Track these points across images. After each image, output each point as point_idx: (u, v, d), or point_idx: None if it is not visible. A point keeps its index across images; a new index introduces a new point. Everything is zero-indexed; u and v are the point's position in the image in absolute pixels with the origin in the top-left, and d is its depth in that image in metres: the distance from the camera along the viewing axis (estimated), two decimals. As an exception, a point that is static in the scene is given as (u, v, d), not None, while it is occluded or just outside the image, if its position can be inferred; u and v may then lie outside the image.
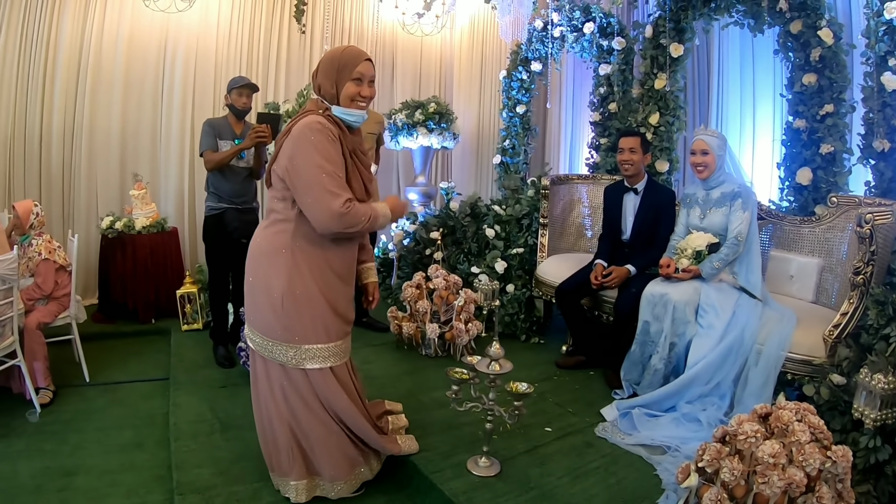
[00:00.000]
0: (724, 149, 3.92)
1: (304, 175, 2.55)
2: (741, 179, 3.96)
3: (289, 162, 2.58)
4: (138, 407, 4.07)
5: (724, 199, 3.84)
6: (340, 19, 7.41)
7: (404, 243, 6.12)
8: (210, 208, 4.60)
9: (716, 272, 3.74)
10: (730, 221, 3.79)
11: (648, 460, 3.14)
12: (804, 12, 4.31)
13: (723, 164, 3.91)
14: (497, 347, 2.91)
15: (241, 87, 4.54)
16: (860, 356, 3.05)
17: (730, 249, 3.73)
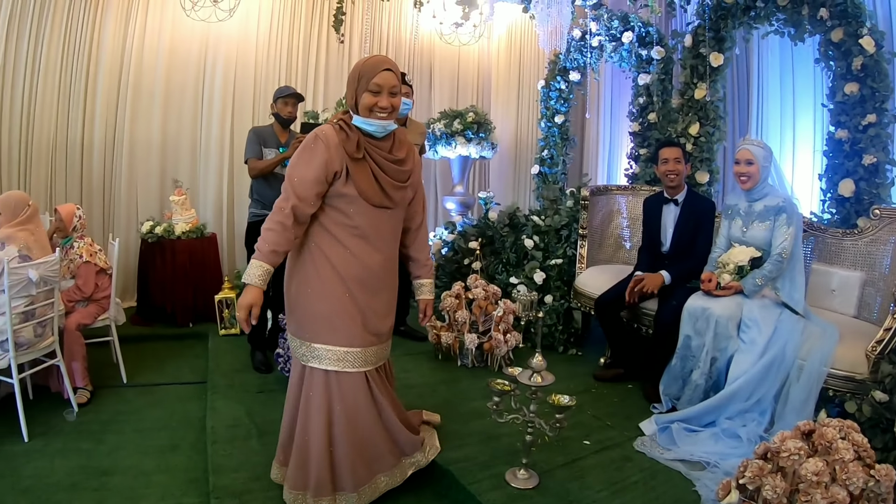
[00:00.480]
0: (770, 160, 3.84)
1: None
2: (786, 193, 3.87)
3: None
4: (175, 409, 4.12)
5: (768, 213, 3.78)
6: (378, 29, 7.47)
7: (442, 252, 6.13)
8: (253, 215, 4.68)
9: (758, 289, 3.69)
10: (774, 237, 3.73)
11: (688, 476, 3.10)
12: (845, 20, 4.26)
13: (767, 176, 3.84)
14: (539, 359, 2.90)
15: (286, 96, 4.64)
16: (903, 374, 3.00)
17: (773, 266, 3.67)
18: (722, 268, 3.84)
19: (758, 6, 4.85)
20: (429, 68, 7.94)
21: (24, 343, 3.66)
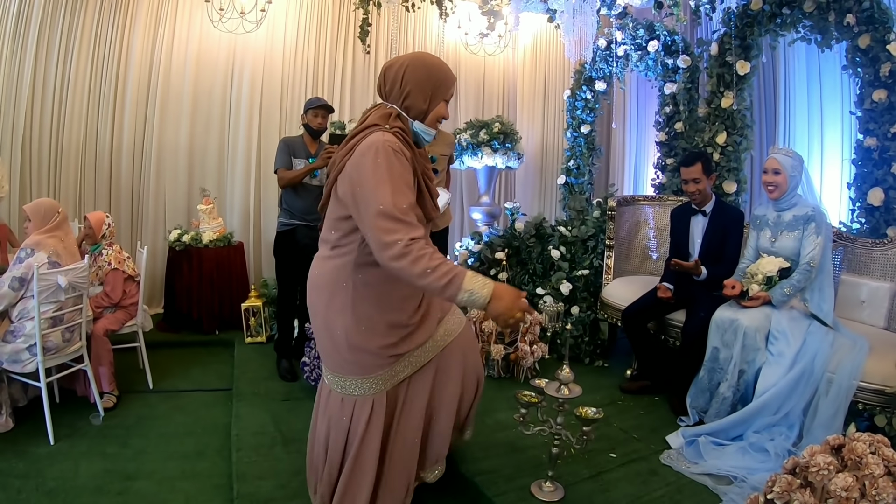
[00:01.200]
0: (799, 170, 3.79)
1: (365, 203, 2.25)
2: (815, 202, 3.82)
3: (352, 182, 2.29)
4: (200, 416, 4.14)
5: (797, 223, 3.74)
6: (404, 40, 7.50)
7: (468, 263, 6.13)
8: (282, 224, 4.73)
9: (787, 298, 3.65)
10: (803, 246, 3.69)
11: (714, 490, 3.08)
12: (872, 26, 4.22)
13: (796, 186, 3.79)
14: (567, 371, 2.89)
15: (316, 107, 4.69)
16: (934, 386, 2.96)
17: (802, 276, 3.63)
18: (750, 278, 3.80)
19: (784, 13, 4.82)
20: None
21: (53, 347, 3.70)
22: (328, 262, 2.52)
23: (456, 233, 7.79)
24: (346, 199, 2.35)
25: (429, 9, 6.02)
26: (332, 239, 2.51)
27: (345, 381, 2.56)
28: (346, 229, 2.44)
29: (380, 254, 2.22)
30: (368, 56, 6.97)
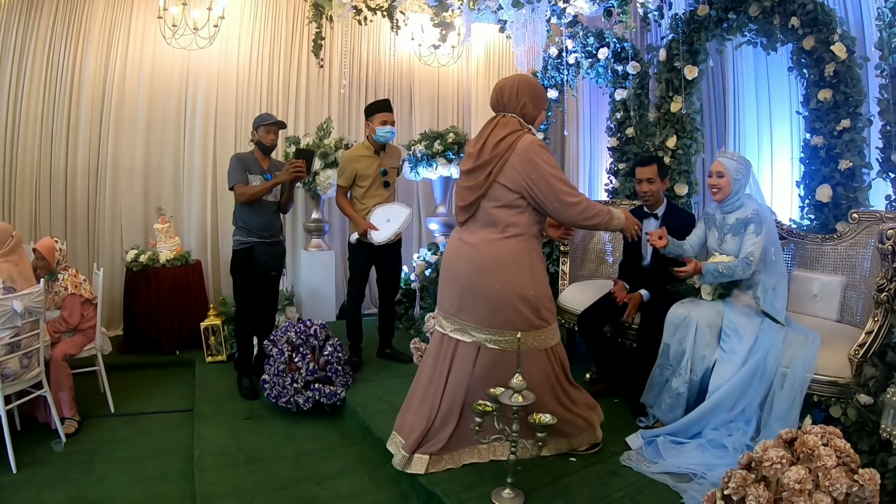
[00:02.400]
0: (744, 173, 3.83)
1: (542, 184, 3.00)
2: (758, 204, 3.83)
3: (527, 178, 3.00)
4: (163, 438, 4.12)
5: (739, 226, 3.77)
6: (358, 53, 7.51)
7: (426, 274, 6.12)
8: (239, 242, 4.67)
9: (718, 276, 3.67)
10: (743, 246, 3.71)
11: (675, 488, 3.09)
12: (816, 28, 4.29)
13: (740, 189, 3.83)
14: (520, 379, 2.89)
15: (269, 124, 4.64)
16: (887, 375, 3.01)
17: (740, 265, 3.63)
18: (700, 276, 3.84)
19: (730, 18, 4.89)
20: (409, 90, 7.96)
21: (11, 374, 3.65)
22: (506, 242, 3.10)
23: (413, 243, 7.78)
24: (518, 185, 3.03)
25: (381, 22, 6.03)
26: (502, 222, 3.10)
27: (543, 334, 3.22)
28: (515, 212, 3.09)
29: (567, 211, 3.05)
30: (322, 70, 6.98)
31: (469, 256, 3.17)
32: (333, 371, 4.40)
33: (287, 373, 4.29)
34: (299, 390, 4.27)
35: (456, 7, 5.14)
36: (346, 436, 4.13)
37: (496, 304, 3.11)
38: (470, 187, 3.15)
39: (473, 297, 3.16)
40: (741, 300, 3.76)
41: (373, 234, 4.84)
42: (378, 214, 4.88)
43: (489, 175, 3.06)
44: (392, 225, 4.89)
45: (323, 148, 6.29)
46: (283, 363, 4.33)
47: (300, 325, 4.48)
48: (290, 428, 4.17)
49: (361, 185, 4.92)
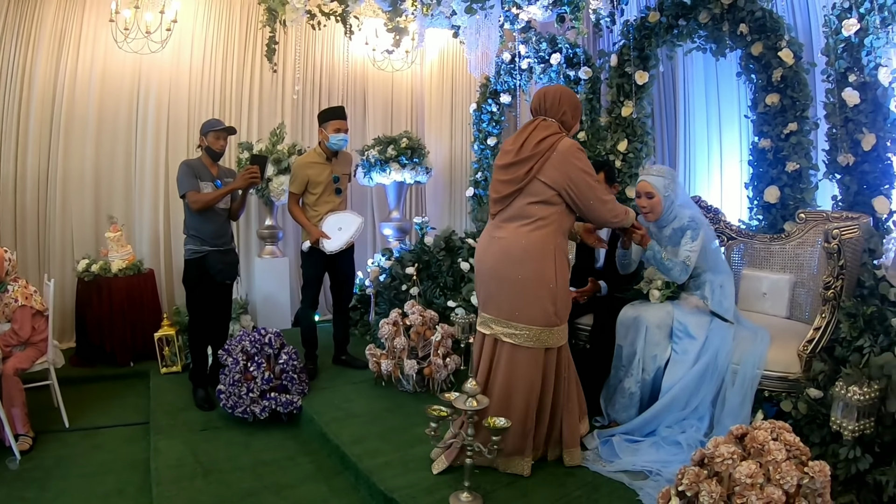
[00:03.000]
0: (672, 188, 3.84)
1: (582, 185, 3.17)
2: (690, 212, 3.85)
3: (568, 178, 3.15)
4: (119, 452, 4.03)
5: (676, 236, 3.82)
6: (312, 57, 7.44)
7: (380, 279, 6.10)
8: (192, 252, 4.58)
9: (657, 261, 3.67)
10: (680, 251, 3.75)
11: (631, 486, 3.13)
12: (764, 34, 4.41)
13: (671, 204, 3.85)
14: (473, 384, 2.91)
15: (219, 130, 4.57)
16: (835, 369, 3.08)
17: (679, 265, 3.67)
18: (648, 283, 3.89)
19: (680, 25, 4.99)
20: (362, 95, 7.91)
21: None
22: (535, 233, 3.20)
23: (368, 249, 7.74)
24: (558, 183, 3.16)
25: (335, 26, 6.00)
26: (533, 216, 3.21)
27: (556, 333, 3.27)
28: (547, 208, 3.21)
29: (601, 208, 3.26)
30: (276, 75, 6.90)
31: (499, 247, 3.29)
32: (289, 379, 4.37)
33: (242, 382, 4.25)
34: (255, 400, 4.23)
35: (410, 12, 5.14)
36: (303, 444, 4.10)
37: (519, 292, 3.21)
38: (507, 181, 3.27)
39: (497, 285, 3.28)
40: (690, 301, 3.81)
41: (325, 242, 4.82)
42: (330, 222, 4.87)
43: (530, 171, 3.18)
44: (344, 233, 4.89)
45: (276, 154, 6.24)
46: (239, 373, 4.28)
47: (255, 334, 4.43)
48: (247, 438, 4.12)
49: (313, 191, 4.90)
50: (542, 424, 3.34)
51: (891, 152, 3.90)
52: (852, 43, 3.94)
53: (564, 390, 3.38)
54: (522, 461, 3.28)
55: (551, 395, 3.33)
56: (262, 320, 6.49)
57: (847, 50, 3.98)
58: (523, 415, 3.22)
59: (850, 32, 3.89)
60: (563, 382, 3.38)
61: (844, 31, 3.91)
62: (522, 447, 3.27)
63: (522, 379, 3.22)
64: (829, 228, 3.30)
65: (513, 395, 3.23)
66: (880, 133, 3.89)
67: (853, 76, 3.95)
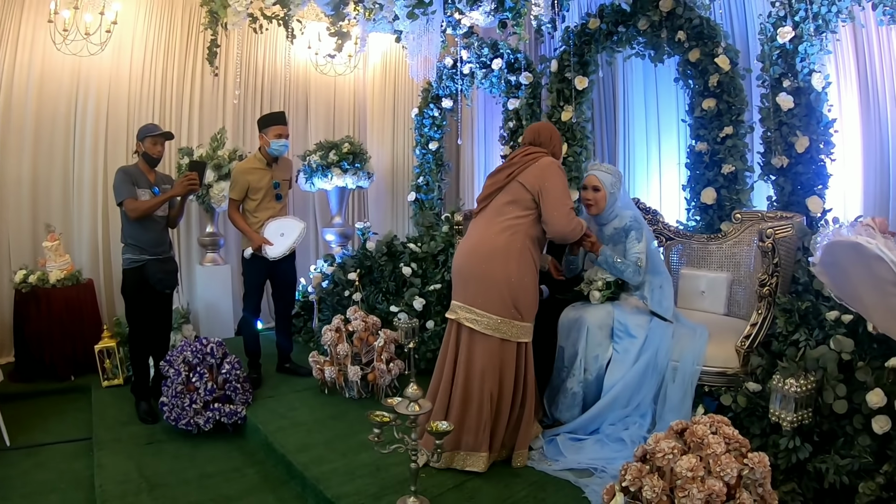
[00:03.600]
0: (617, 186, 3.97)
1: (553, 194, 3.42)
2: (632, 212, 3.98)
3: (543, 184, 3.43)
4: (62, 470, 3.90)
5: (619, 235, 3.90)
6: (253, 61, 7.34)
7: (323, 286, 6.06)
8: (131, 261, 4.47)
9: (610, 264, 3.78)
10: (627, 254, 3.83)
11: (576, 484, 3.16)
12: (702, 41, 4.53)
13: (615, 202, 3.97)
14: (415, 388, 2.91)
15: (156, 135, 4.48)
16: (772, 363, 3.18)
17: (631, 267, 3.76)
18: (589, 284, 3.93)
19: (619, 31, 5.09)
20: (304, 99, 7.84)
21: None
22: (503, 235, 3.44)
23: (310, 255, 7.64)
24: (534, 188, 3.44)
25: (278, 30, 5.93)
26: (507, 214, 3.49)
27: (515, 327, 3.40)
28: (521, 210, 3.47)
29: (564, 219, 3.44)
30: (217, 78, 6.79)
31: (471, 244, 3.56)
32: (233, 389, 4.31)
33: (185, 394, 4.17)
34: (199, 411, 4.15)
35: (352, 16, 5.13)
36: (249, 455, 4.03)
37: (480, 281, 3.41)
38: (492, 182, 3.63)
39: (466, 276, 3.50)
40: (629, 302, 3.87)
41: (267, 248, 4.78)
42: (272, 228, 4.84)
43: (512, 173, 3.52)
44: (286, 239, 4.86)
45: (216, 159, 6.15)
46: (181, 384, 4.19)
47: (196, 344, 4.36)
48: (192, 450, 4.04)
49: (254, 198, 4.86)
50: (500, 421, 3.39)
51: (824, 154, 4.05)
52: (787, 50, 4.08)
53: (522, 391, 3.45)
54: (478, 457, 3.34)
55: (511, 392, 3.40)
56: (205, 329, 6.38)
57: (782, 56, 4.12)
58: (479, 405, 3.33)
59: (784, 39, 4.03)
60: (521, 382, 3.45)
61: (779, 38, 4.05)
62: (479, 442, 3.33)
63: (479, 366, 3.35)
64: (764, 228, 3.39)
65: (470, 381, 3.37)
66: (813, 136, 4.02)
67: (787, 81, 4.08)
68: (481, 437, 3.33)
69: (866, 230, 1.52)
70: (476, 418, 3.33)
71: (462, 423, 3.35)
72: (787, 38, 4.01)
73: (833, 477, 2.74)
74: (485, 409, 3.33)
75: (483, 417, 3.32)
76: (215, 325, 6.46)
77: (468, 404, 3.36)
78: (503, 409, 3.39)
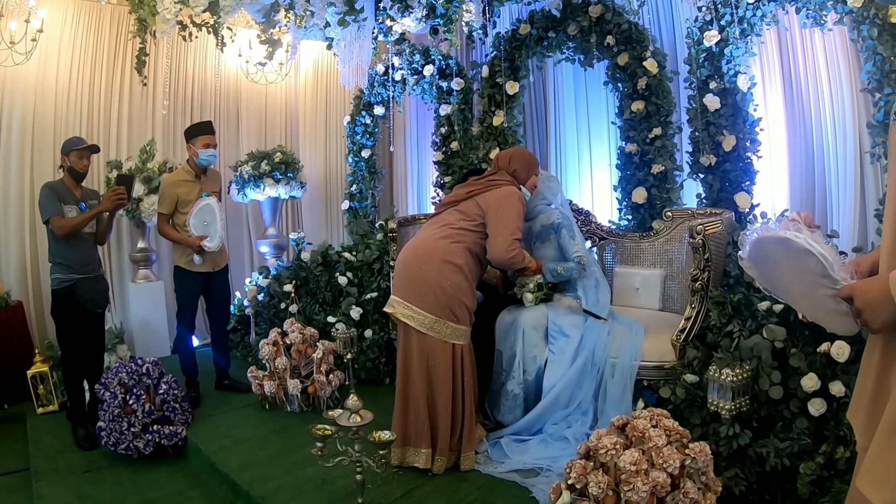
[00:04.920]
0: (547, 184, 4.09)
1: (503, 221, 3.57)
2: (557, 209, 4.05)
3: (497, 207, 3.61)
4: (1, 504, 3.75)
5: (548, 232, 3.95)
6: (183, 70, 7.17)
7: (259, 299, 5.96)
8: (60, 280, 4.31)
9: (557, 275, 3.82)
10: (565, 250, 3.89)
11: (523, 484, 3.18)
12: (630, 45, 4.64)
13: (543, 198, 4.06)
14: (355, 399, 2.89)
15: (82, 149, 4.34)
16: (708, 354, 3.25)
17: (575, 267, 3.82)
18: (521, 286, 3.95)
19: (550, 37, 5.15)
20: (235, 109, 7.69)
21: None
22: (445, 241, 3.58)
23: (245, 268, 7.54)
24: (487, 206, 3.64)
25: (208, 38, 5.80)
26: (453, 224, 3.65)
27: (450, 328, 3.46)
28: (469, 224, 3.64)
29: (505, 246, 3.55)
30: (146, 88, 6.60)
31: (416, 244, 3.69)
32: (171, 410, 4.19)
33: (123, 417, 4.03)
34: (138, 434, 4.02)
35: (283, 24, 5.08)
36: (192, 477, 3.93)
37: (418, 282, 3.50)
38: (453, 195, 3.85)
39: (404, 275, 3.61)
40: (563, 302, 3.88)
41: (206, 244, 4.70)
42: (194, 224, 4.74)
43: (472, 192, 3.73)
44: (213, 224, 4.79)
45: (146, 172, 5.99)
46: (118, 407, 4.06)
47: (131, 365, 4.22)
48: (134, 476, 3.90)
49: (184, 211, 4.75)
50: (441, 422, 3.39)
51: (750, 152, 4.19)
52: (713, 52, 4.22)
53: (460, 392, 3.46)
54: (420, 453, 3.42)
55: (448, 393, 3.42)
56: (140, 349, 6.18)
57: (708, 59, 4.26)
58: (416, 400, 3.43)
59: (711, 43, 4.17)
60: (460, 385, 3.47)
61: (706, 41, 4.18)
62: (420, 438, 3.42)
63: (415, 362, 3.46)
64: (694, 225, 3.47)
65: (408, 377, 3.49)
66: (740, 135, 4.17)
67: (714, 83, 4.22)
68: (422, 433, 3.40)
69: (793, 224, 1.56)
70: (415, 414, 3.43)
71: (405, 417, 3.46)
72: (714, 41, 4.15)
73: (774, 460, 2.82)
74: (422, 407, 3.40)
75: (421, 415, 3.40)
76: (151, 344, 6.28)
77: (408, 400, 3.47)
78: (441, 410, 3.40)
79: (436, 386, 3.43)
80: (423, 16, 4.73)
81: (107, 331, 4.90)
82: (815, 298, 1.59)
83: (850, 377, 2.76)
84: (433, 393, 3.43)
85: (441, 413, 3.41)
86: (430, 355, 3.43)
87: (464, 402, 3.47)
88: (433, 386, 3.43)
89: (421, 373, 3.42)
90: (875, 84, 3.50)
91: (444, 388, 3.41)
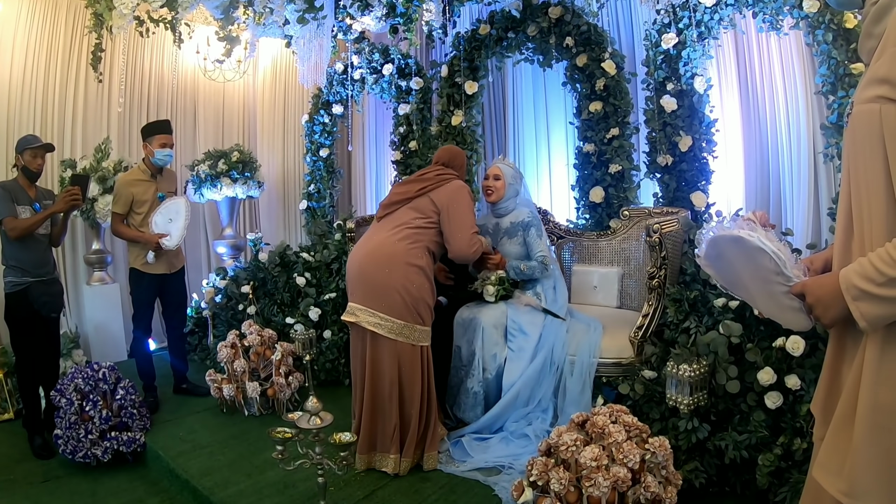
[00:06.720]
0: (518, 181, 4.13)
1: (460, 219, 3.62)
2: (530, 209, 4.09)
3: (451, 205, 3.63)
4: (-45, 521, 3.63)
5: (516, 229, 3.99)
6: (140, 67, 7.02)
7: (216, 300, 5.89)
8: (13, 284, 4.20)
9: (520, 273, 3.89)
10: (530, 248, 3.94)
11: (485, 482, 3.20)
12: (589, 47, 4.69)
13: (514, 194, 4.10)
14: (314, 402, 2.88)
15: (36, 147, 4.23)
16: (665, 350, 3.31)
17: (538, 266, 3.87)
18: (483, 281, 3.97)
19: (509, 37, 5.20)
20: (192, 107, 7.59)
21: None
22: (402, 243, 3.55)
23: (202, 269, 7.43)
24: (440, 203, 3.64)
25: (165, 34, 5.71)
26: (410, 225, 3.62)
27: (417, 331, 3.47)
28: (424, 222, 3.64)
29: (462, 239, 3.62)
30: (101, 85, 6.45)
31: (370, 247, 3.61)
32: (129, 416, 4.11)
33: (80, 424, 3.94)
34: (96, 441, 3.93)
35: (242, 21, 5.03)
36: (152, 484, 3.85)
37: (382, 288, 3.46)
38: (401, 192, 3.77)
39: (363, 281, 3.54)
40: (522, 300, 3.92)
41: (165, 241, 4.63)
42: (158, 221, 4.68)
43: (424, 188, 3.70)
44: (176, 222, 4.73)
45: (101, 171, 5.87)
46: (75, 413, 3.97)
47: (87, 370, 4.12)
48: (93, 485, 3.82)
49: (139, 211, 4.68)
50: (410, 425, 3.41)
51: (706, 152, 4.27)
52: (671, 55, 4.29)
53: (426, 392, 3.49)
54: (388, 458, 3.42)
55: (419, 396, 3.44)
56: (97, 354, 6.05)
57: (666, 61, 4.32)
58: (388, 408, 3.42)
59: (669, 45, 4.24)
60: (425, 385, 3.49)
61: (664, 44, 4.25)
62: (389, 444, 3.42)
63: (386, 369, 3.42)
64: (651, 223, 3.54)
65: (378, 385, 3.44)
66: (696, 135, 4.24)
67: (671, 85, 4.28)
68: (392, 440, 3.39)
69: (747, 224, 1.60)
70: (385, 421, 3.40)
71: (373, 424, 3.43)
72: (671, 43, 4.22)
73: (733, 453, 2.89)
74: (393, 413, 3.38)
75: (392, 420, 3.38)
76: (107, 349, 6.15)
77: (377, 407, 3.42)
78: (412, 413, 3.41)
79: (408, 391, 3.43)
80: (382, 14, 4.72)
81: (62, 335, 4.79)
82: (769, 295, 1.63)
83: (805, 371, 2.85)
84: (404, 398, 3.43)
85: (413, 416, 3.41)
86: (400, 361, 3.41)
87: (429, 402, 3.49)
88: (404, 391, 3.43)
89: (392, 379, 3.40)
90: (829, 87, 3.59)
91: (415, 391, 3.43)
